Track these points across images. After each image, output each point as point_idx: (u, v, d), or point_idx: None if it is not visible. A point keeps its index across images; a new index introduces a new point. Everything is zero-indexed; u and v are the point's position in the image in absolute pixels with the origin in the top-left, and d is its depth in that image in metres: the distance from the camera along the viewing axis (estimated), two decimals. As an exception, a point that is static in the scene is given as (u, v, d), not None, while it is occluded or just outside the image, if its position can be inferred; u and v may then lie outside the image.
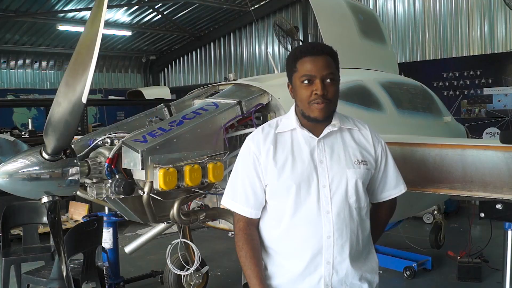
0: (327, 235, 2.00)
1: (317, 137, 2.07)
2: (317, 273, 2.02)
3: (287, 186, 2.02)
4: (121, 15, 12.65)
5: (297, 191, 2.01)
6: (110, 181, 2.83)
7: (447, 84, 9.05)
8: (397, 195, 2.26)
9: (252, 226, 2.11)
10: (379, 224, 2.33)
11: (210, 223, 3.53)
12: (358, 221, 2.08)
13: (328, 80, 2.02)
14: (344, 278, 2.05)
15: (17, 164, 2.57)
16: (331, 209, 2.01)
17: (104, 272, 4.23)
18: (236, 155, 3.31)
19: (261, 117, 3.47)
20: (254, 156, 2.08)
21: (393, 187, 2.24)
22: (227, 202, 2.16)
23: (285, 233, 2.06)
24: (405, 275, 5.43)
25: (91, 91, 2.54)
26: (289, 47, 9.74)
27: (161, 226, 4.20)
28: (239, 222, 2.12)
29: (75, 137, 3.06)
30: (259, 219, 2.13)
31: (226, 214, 3.21)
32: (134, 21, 13.20)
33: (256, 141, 2.11)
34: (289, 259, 2.06)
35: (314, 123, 2.07)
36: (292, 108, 2.17)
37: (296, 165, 2.04)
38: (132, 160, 2.78)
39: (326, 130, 2.07)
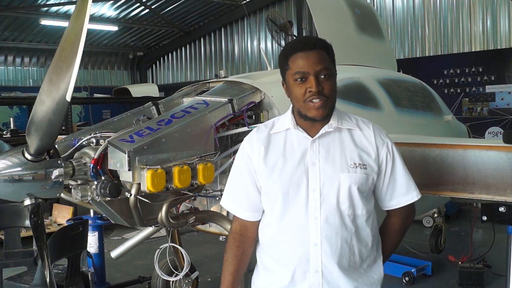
0: (314, 242, 1.93)
1: (313, 137, 1.99)
2: (306, 282, 1.96)
3: (275, 189, 1.98)
4: (107, 9, 12.53)
5: (285, 195, 1.96)
6: (95, 182, 2.78)
7: (447, 81, 8.94)
8: (408, 203, 2.12)
9: (246, 230, 2.09)
10: (391, 234, 2.21)
11: (200, 226, 3.50)
12: (353, 229, 1.97)
13: (323, 76, 1.95)
14: None
15: (-2, 165, 2.50)
16: (319, 215, 1.93)
17: (89, 278, 4.20)
18: (227, 156, 3.26)
19: (253, 116, 3.45)
20: (247, 156, 2.05)
21: (403, 194, 2.10)
22: (225, 203, 2.15)
23: (274, 237, 2.02)
24: (404, 281, 5.35)
25: (76, 89, 2.47)
26: (283, 42, 9.67)
27: (149, 229, 4.15)
28: (234, 223, 2.12)
29: (59, 136, 3.01)
30: (258, 221, 2.09)
31: (216, 217, 3.18)
32: (121, 16, 13.07)
33: (250, 141, 2.08)
34: (279, 264, 2.01)
35: (312, 122, 2.00)
36: (290, 107, 2.11)
37: (286, 167, 1.98)
38: (118, 161, 2.74)
39: (322, 131, 1.99)
